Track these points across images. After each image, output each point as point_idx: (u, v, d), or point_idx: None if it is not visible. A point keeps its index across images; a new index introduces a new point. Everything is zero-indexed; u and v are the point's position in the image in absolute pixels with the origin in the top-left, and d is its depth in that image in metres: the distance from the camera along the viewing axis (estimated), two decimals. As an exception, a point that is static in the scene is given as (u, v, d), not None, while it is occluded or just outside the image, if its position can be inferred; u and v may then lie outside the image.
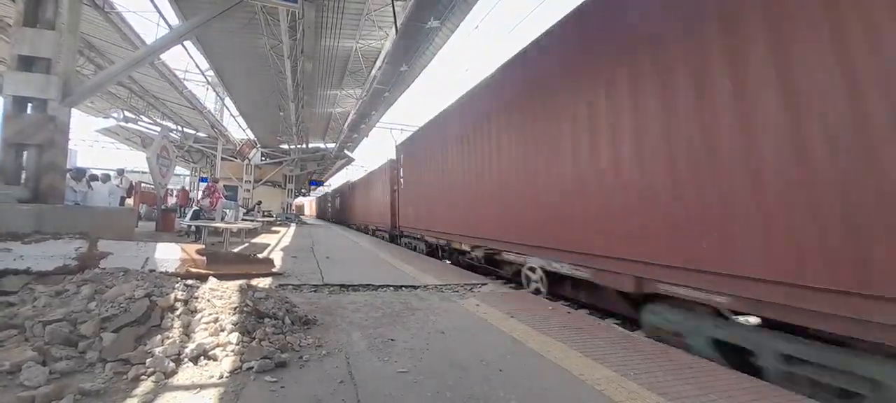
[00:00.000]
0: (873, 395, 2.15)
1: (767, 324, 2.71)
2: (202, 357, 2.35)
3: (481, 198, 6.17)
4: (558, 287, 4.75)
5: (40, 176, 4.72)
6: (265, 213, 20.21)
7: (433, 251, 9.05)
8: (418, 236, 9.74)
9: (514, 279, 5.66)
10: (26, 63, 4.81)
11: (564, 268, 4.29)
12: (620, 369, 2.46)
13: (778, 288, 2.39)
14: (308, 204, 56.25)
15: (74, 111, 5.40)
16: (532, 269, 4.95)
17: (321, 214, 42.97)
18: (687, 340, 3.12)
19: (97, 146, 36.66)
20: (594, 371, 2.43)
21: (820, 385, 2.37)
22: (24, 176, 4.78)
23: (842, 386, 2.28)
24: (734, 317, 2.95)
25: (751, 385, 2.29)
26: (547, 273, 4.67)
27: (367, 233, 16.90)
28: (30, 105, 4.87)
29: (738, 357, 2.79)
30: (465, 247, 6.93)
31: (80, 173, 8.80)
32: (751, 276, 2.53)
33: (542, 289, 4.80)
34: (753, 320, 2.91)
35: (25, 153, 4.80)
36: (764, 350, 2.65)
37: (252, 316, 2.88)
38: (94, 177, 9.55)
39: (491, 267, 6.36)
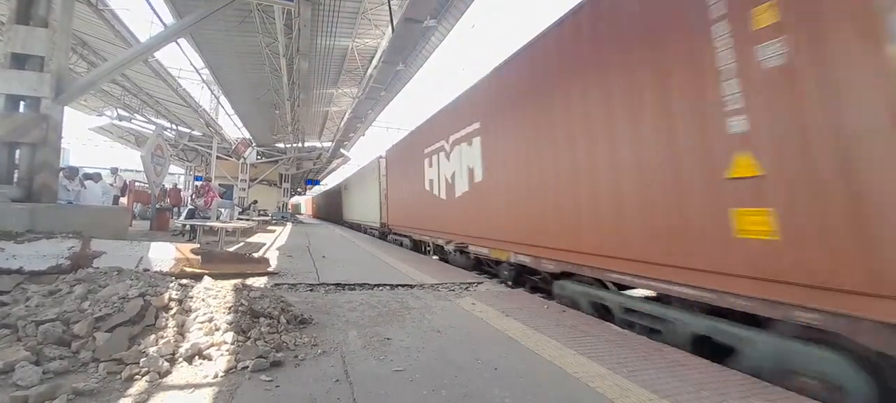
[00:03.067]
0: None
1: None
2: (197, 357, 2.34)
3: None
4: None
5: (33, 174, 4.68)
6: (261, 212, 20.15)
7: None
8: None
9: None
10: (19, 61, 4.77)
11: None
12: (614, 366, 2.48)
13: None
14: (305, 202, 56.01)
15: (67, 109, 5.36)
16: None
17: (318, 213, 42.85)
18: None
19: (90, 144, 36.34)
20: (588, 368, 2.45)
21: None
22: (16, 175, 4.74)
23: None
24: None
25: (743, 381, 2.31)
26: None
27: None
28: (22, 103, 4.83)
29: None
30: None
31: (73, 172, 8.70)
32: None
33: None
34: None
35: (18, 151, 4.76)
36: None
37: (247, 316, 2.87)
38: (87, 176, 9.47)
39: None
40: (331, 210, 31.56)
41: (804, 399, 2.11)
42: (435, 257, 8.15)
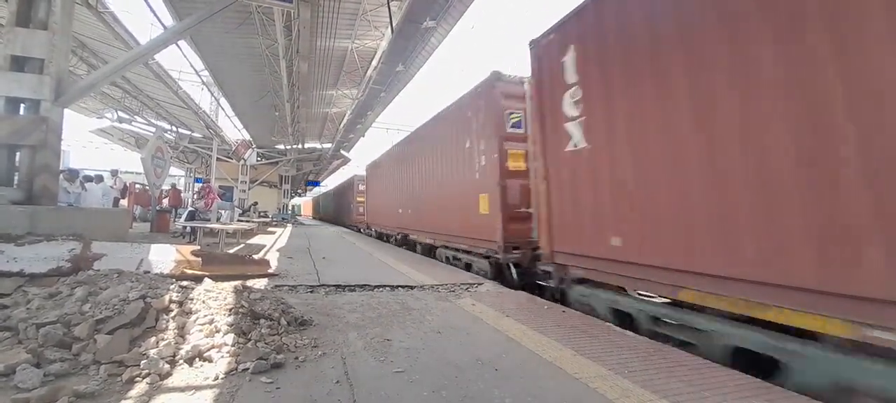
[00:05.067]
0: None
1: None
2: (197, 359, 2.34)
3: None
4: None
5: (33, 177, 4.69)
6: (261, 214, 20.15)
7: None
8: None
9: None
10: (19, 63, 4.78)
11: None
12: (614, 367, 2.48)
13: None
14: (304, 204, 56.09)
15: (67, 111, 5.37)
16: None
17: (317, 214, 42.92)
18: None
19: (91, 147, 36.23)
20: (588, 369, 2.45)
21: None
22: (16, 177, 4.74)
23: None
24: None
25: (744, 382, 2.31)
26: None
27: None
28: (22, 105, 4.83)
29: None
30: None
31: (73, 174, 8.73)
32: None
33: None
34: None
35: (18, 154, 4.76)
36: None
37: (248, 318, 2.88)
38: (87, 178, 9.49)
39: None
40: (328, 212, 31.74)
41: (805, 399, 2.11)
42: (408, 250, 10.79)
